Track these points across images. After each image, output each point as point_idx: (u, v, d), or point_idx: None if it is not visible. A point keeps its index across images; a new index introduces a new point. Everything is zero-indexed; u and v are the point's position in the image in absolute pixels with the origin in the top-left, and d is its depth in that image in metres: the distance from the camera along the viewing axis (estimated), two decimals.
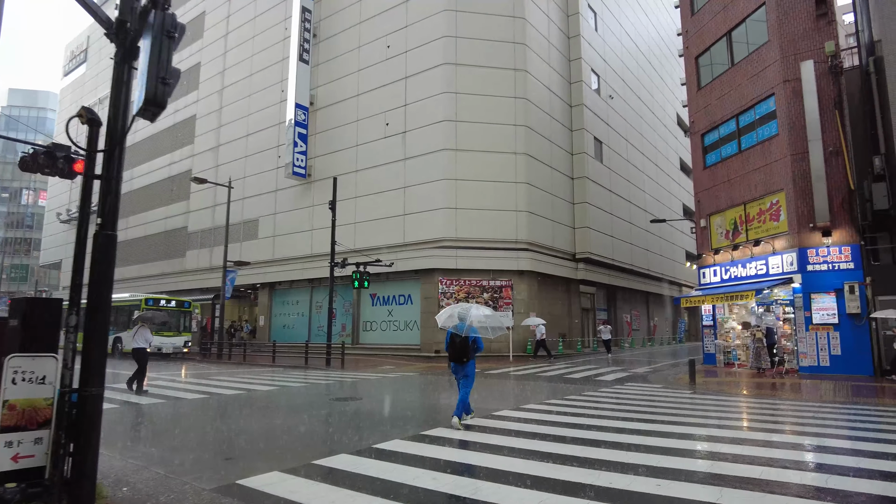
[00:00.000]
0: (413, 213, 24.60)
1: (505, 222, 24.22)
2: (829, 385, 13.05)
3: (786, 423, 8.40)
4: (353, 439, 7.09)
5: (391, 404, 10.54)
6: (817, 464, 5.77)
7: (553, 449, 6.35)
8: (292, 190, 30.16)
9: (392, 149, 25.81)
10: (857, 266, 14.95)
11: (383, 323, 25.80)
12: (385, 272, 24.03)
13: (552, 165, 27.14)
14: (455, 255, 23.52)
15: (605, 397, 11.37)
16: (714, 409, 9.68)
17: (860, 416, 8.89)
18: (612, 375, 16.24)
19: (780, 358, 15.95)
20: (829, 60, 15.98)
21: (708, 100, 20.00)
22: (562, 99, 28.80)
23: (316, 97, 29.77)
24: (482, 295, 23.71)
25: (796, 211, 15.92)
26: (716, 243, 19.70)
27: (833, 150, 15.54)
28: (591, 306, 32.14)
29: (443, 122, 24.35)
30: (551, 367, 18.82)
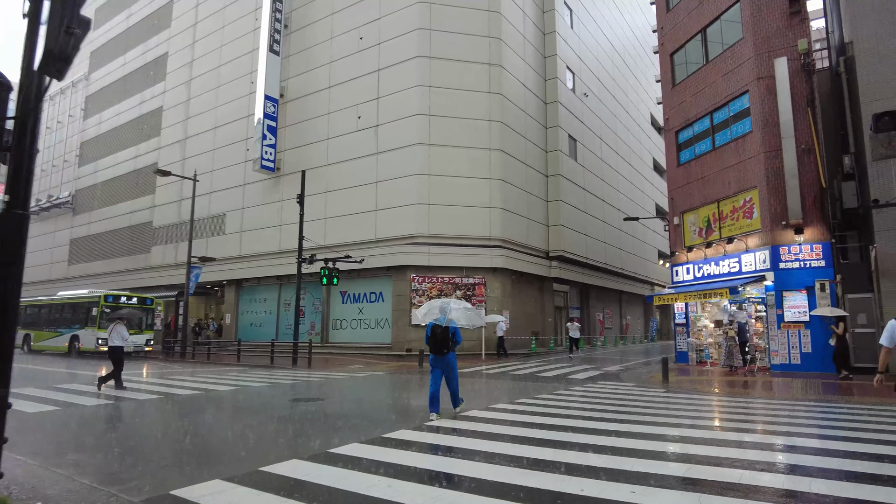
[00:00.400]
0: (385, 209, 24.06)
1: (479, 219, 23.85)
2: (800, 383, 12.97)
3: (760, 423, 8.17)
4: (308, 443, 6.60)
5: (355, 405, 10.05)
6: (795, 466, 5.49)
7: (522, 452, 5.95)
8: (261, 184, 29.34)
9: (364, 143, 25.24)
10: (828, 264, 14.95)
11: (354, 321, 25.22)
12: (356, 269, 23.46)
13: (527, 162, 26.88)
14: (428, 251, 23.07)
15: (577, 396, 11.06)
16: (688, 409, 9.42)
17: (832, 415, 8.72)
18: (585, 374, 15.99)
19: (752, 356, 15.88)
20: (801, 58, 15.97)
21: (682, 97, 19.92)
22: (537, 96, 28.56)
23: (286, 89, 29.01)
24: (455, 293, 23.31)
25: (769, 208, 15.87)
26: (689, 241, 19.63)
27: (805, 148, 15.53)
28: (565, 304, 32.02)
29: (416, 116, 23.87)
30: (524, 366, 18.51)
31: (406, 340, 22.68)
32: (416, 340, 22.48)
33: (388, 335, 23.63)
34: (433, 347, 8.49)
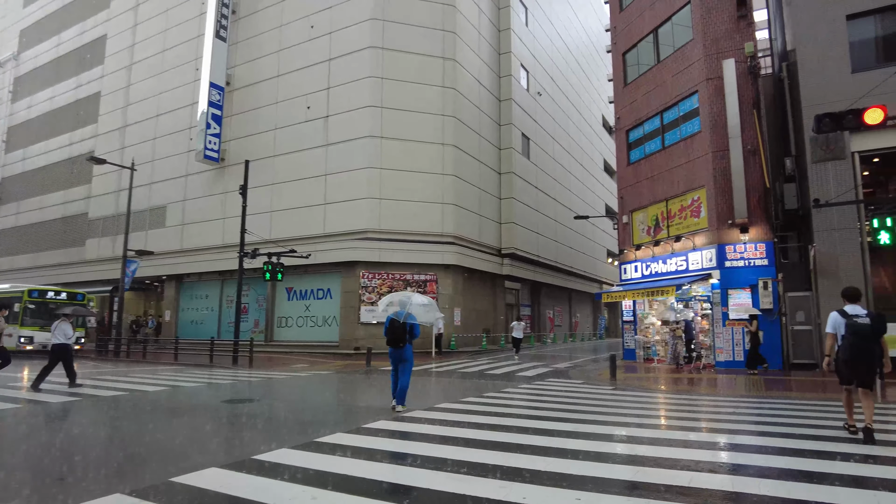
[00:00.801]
0: (334, 203, 23.37)
1: (431, 215, 23.47)
2: (744, 379, 13.14)
3: (707, 422, 8.08)
4: (233, 449, 6.04)
5: (291, 407, 9.46)
6: (743, 466, 5.32)
7: (465, 456, 5.58)
8: (204, 175, 28.10)
9: (313, 134, 24.47)
10: (770, 263, 15.26)
11: (300, 319, 24.41)
12: (302, 265, 22.72)
13: (480, 159, 26.67)
14: (378, 247, 22.53)
15: (525, 394, 10.81)
16: (636, 407, 9.29)
17: (775, 412, 8.74)
18: (534, 371, 15.83)
19: (698, 353, 16.07)
20: (748, 61, 16.26)
21: (634, 96, 20.07)
22: (491, 92, 28.40)
23: (233, 77, 27.86)
24: (405, 289, 22.83)
25: (716, 208, 16.10)
26: (637, 239, 19.80)
27: (751, 149, 15.82)
28: (516, 302, 32.02)
29: (368, 108, 23.27)
30: (474, 363, 18.24)
31: (354, 339, 22.09)
32: (365, 339, 21.94)
33: (336, 333, 22.97)
34: (390, 340, 8.55)
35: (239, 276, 19.75)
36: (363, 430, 6.98)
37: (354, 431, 6.92)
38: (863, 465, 5.31)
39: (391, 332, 8.54)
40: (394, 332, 8.52)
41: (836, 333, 6.60)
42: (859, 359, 6.39)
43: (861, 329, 6.34)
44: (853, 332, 6.37)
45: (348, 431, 6.91)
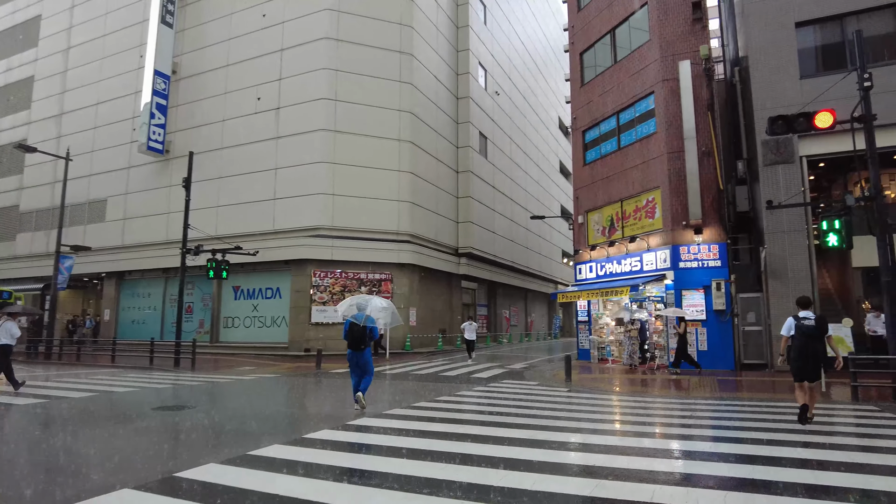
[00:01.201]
0: (285, 198, 22.53)
1: (386, 212, 22.91)
2: (697, 380, 13.15)
3: (664, 427, 7.89)
4: (152, 465, 5.41)
5: (228, 414, 8.79)
6: (707, 477, 5.07)
7: (411, 470, 5.14)
8: (147, 168, 26.71)
9: (264, 126, 23.54)
10: (723, 264, 15.40)
11: (247, 319, 23.44)
12: (250, 262, 21.79)
13: (437, 157, 26.27)
14: (331, 245, 21.82)
15: (479, 398, 10.44)
16: (592, 411, 9.05)
17: (732, 415, 8.64)
18: (489, 372, 15.52)
19: (652, 354, 16.10)
20: (703, 64, 16.39)
21: (590, 96, 20.04)
22: (448, 89, 28.03)
23: (180, 65, 26.58)
24: (360, 289, 22.22)
25: (671, 208, 16.16)
26: (592, 240, 19.78)
27: (705, 151, 15.95)
28: (473, 302, 31.78)
29: (321, 101, 22.53)
30: (428, 364, 17.81)
31: (304, 340, 21.33)
32: (316, 340, 21.22)
33: (285, 334, 22.13)
34: (351, 343, 8.70)
35: (181, 274, 18.73)
36: (303, 442, 6.43)
37: (294, 443, 6.37)
38: (819, 471, 5.13)
39: (351, 335, 8.65)
40: (354, 335, 8.65)
41: (789, 336, 7.67)
42: (806, 356, 7.45)
43: (807, 330, 7.43)
44: (801, 332, 7.48)
45: (287, 443, 6.36)
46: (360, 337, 8.64)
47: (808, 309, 7.72)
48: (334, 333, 21.56)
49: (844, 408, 9.32)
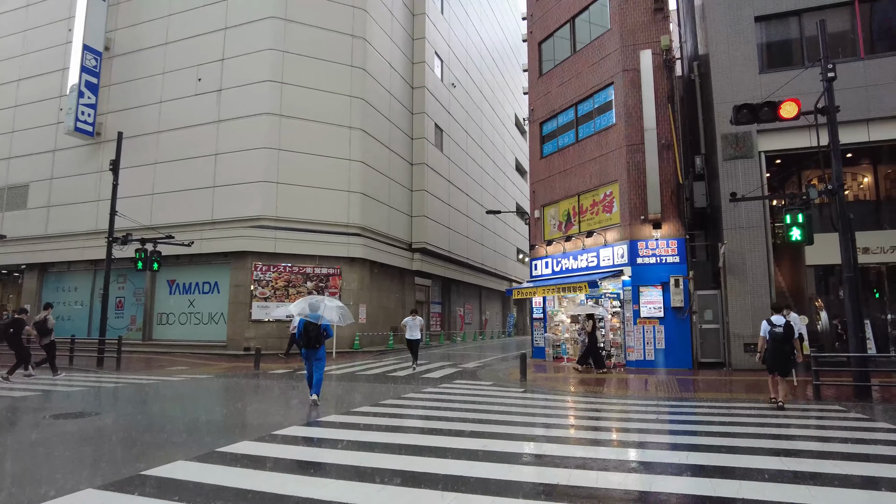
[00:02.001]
0: (225, 186, 21.06)
1: (335, 203, 21.74)
2: (655, 380, 12.66)
3: (622, 432, 7.21)
4: (25, 488, 4.30)
5: (136, 422, 7.62)
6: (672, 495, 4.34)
7: (342, 493, 4.21)
8: (76, 151, 24.66)
9: (204, 109, 21.98)
10: (682, 260, 15.03)
11: (183, 315, 21.84)
12: (187, 254, 20.35)
13: (390, 147, 25.23)
14: (274, 236, 20.51)
15: (429, 401, 9.56)
16: (547, 415, 8.32)
17: (693, 416, 8.07)
18: (441, 372, 14.67)
19: (608, 352, 15.60)
20: (663, 54, 16.00)
21: (548, 87, 19.45)
22: (403, 78, 27.02)
23: (113, 42, 24.62)
24: (305, 284, 21.00)
25: (629, 202, 15.69)
26: (548, 235, 19.21)
27: (665, 143, 15.55)
28: (427, 299, 30.89)
29: (267, 83, 21.17)
30: (377, 364, 16.82)
31: (244, 338, 19.96)
32: (256, 338, 19.92)
33: (224, 332, 20.67)
34: (306, 343, 9.10)
35: (107, 265, 17.15)
36: (213, 457, 5.40)
37: (202, 458, 5.34)
38: (770, 483, 4.49)
39: (307, 334, 9.06)
40: (310, 334, 9.06)
41: (765, 337, 9.10)
42: (776, 355, 8.97)
43: (776, 335, 8.96)
44: (772, 337, 9.00)
45: (195, 458, 5.32)
46: (316, 336, 9.09)
47: (779, 313, 9.30)
48: (276, 331, 20.30)
49: (808, 409, 8.90)
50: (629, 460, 5.47)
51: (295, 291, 20.69)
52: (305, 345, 9.13)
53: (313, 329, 9.07)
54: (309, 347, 9.13)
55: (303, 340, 9.11)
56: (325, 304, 9.29)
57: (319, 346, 9.18)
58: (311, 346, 9.12)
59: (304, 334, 9.08)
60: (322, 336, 9.16)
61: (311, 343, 9.09)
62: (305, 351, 9.22)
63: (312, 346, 9.12)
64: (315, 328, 9.07)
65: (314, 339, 9.08)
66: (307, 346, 9.12)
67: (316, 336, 9.09)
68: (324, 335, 9.18)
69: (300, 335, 9.12)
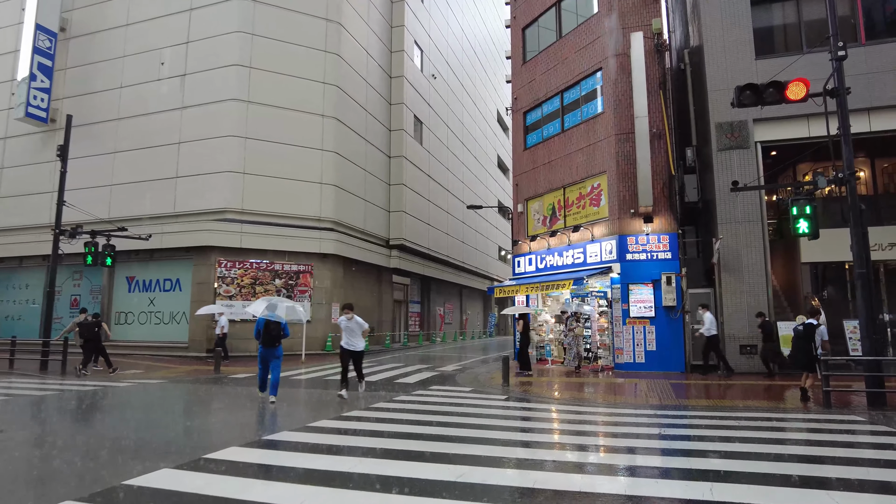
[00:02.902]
0: (189, 176, 19.71)
1: (307, 195, 20.50)
2: (647, 385, 11.70)
3: (612, 452, 6.19)
4: None
5: (38, 442, 6.39)
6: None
7: None
8: (28, 139, 23.07)
9: (167, 94, 20.60)
10: (674, 256, 14.11)
11: (143, 314, 20.42)
12: (147, 249, 19.04)
13: (367, 138, 24.03)
14: (240, 230, 19.22)
15: (400, 412, 8.45)
16: (534, 429, 7.30)
17: (697, 427, 7.10)
18: (417, 376, 13.58)
19: (595, 354, 14.66)
20: (655, 38, 15.09)
21: (533, 74, 18.45)
22: (381, 66, 25.83)
23: (69, 22, 23.06)
24: (273, 281, 19.73)
25: (618, 195, 14.75)
26: (532, 230, 18.22)
27: (656, 133, 14.65)
28: (405, 298, 29.75)
29: (234, 67, 19.86)
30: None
31: (207, 339, 18.61)
32: None
33: (186, 332, 19.31)
34: (267, 341, 9.29)
35: (52, 259, 15.89)
36: (117, 493, 4.23)
37: (101, 495, 4.16)
38: None
39: (267, 334, 9.28)
40: (270, 334, 9.29)
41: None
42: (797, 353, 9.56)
43: (797, 334, 9.59)
44: (795, 336, 9.69)
45: (81, 499, 4.14)
46: (277, 336, 9.35)
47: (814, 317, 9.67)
48: (241, 332, 19.01)
49: (826, 419, 7.98)
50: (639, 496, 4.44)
51: (262, 289, 19.40)
52: (265, 343, 9.28)
53: (274, 328, 9.33)
54: (269, 346, 9.29)
55: (263, 340, 9.28)
56: (281, 305, 9.86)
57: (278, 345, 9.39)
58: (272, 345, 9.31)
59: (266, 333, 9.27)
60: (281, 335, 9.40)
61: (273, 342, 9.31)
62: (263, 350, 9.32)
63: (273, 345, 9.32)
64: (276, 327, 9.35)
65: (275, 339, 9.33)
66: (267, 344, 9.28)
67: (277, 335, 9.35)
68: (282, 334, 9.42)
69: (260, 334, 9.30)
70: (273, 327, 9.29)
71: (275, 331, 9.30)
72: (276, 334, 9.31)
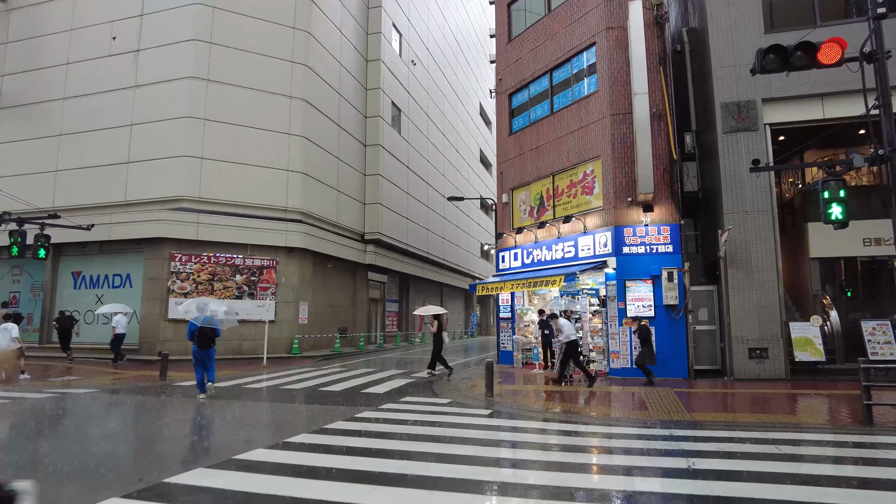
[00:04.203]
0: (141, 161, 17.89)
1: (272, 183, 18.78)
2: (647, 393, 10.25)
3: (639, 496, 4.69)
4: None
5: None
6: None
7: None
8: None
9: (119, 72, 18.75)
10: (676, 249, 12.69)
11: (89, 314, 18.50)
12: (95, 240, 17.30)
13: (340, 123, 22.33)
14: (197, 220, 17.45)
15: (361, 436, 6.86)
16: (525, 462, 5.77)
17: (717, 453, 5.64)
18: (389, 384, 11.99)
19: (587, 358, 13.21)
20: (654, 10, 13.68)
21: (519, 52, 16.95)
22: (355, 48, 24.13)
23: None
24: (234, 277, 17.99)
25: (613, 182, 13.30)
26: (518, 222, 16.73)
27: (656, 114, 13.21)
28: (381, 296, 28.08)
29: (192, 42, 18.07)
30: (314, 373, 14.02)
31: (159, 341, 16.82)
32: (174, 341, 16.87)
33: (136, 333, 17.42)
34: (201, 343, 9.58)
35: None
36: None
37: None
38: None
39: (202, 337, 9.56)
40: (204, 337, 9.58)
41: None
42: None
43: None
44: None
45: None
46: (211, 338, 9.68)
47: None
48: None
49: (884, 443, 6.57)
50: None
51: (221, 286, 17.65)
52: (200, 346, 9.58)
53: (209, 330, 9.61)
54: (204, 348, 9.62)
55: (198, 342, 9.55)
56: (210, 307, 9.90)
57: (212, 346, 9.80)
58: (207, 346, 9.65)
59: (201, 335, 9.55)
60: (215, 336, 9.76)
61: (207, 343, 9.64)
62: (198, 351, 9.61)
63: (207, 346, 9.65)
64: (211, 329, 9.62)
65: (209, 341, 9.67)
66: (202, 346, 9.61)
67: (211, 337, 9.69)
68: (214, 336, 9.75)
69: (195, 335, 9.53)
70: (208, 330, 9.56)
71: (210, 332, 9.61)
72: (210, 336, 9.64)
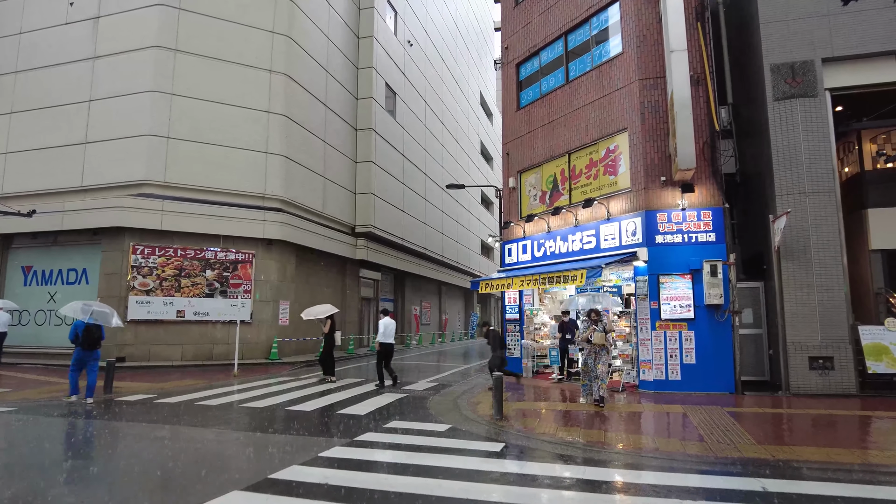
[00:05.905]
0: (100, 142, 15.84)
1: (248, 167, 16.72)
2: (698, 417, 8.20)
3: None
4: None
5: None
6: None
7: None
8: None
9: (76, 41, 16.71)
10: (719, 238, 10.62)
11: (41, 313, 16.46)
12: (47, 231, 15.25)
13: (327, 104, 20.24)
14: (162, 208, 15.39)
15: (318, 497, 4.80)
16: None
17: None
18: (375, 401, 9.93)
19: (612, 367, 11.14)
20: None
21: (528, 16, 14.89)
22: (345, 21, 22.03)
23: None
24: (204, 272, 15.92)
25: (643, 159, 11.25)
26: (527, 209, 14.68)
27: (694, 77, 11.15)
28: (374, 295, 26.02)
29: (157, 7, 16.01)
30: (288, 384, 11.96)
31: (115, 344, 14.73)
32: (135, 345, 14.85)
33: None
34: (89, 344, 9.44)
35: None
36: None
37: None
38: None
39: (90, 337, 9.39)
40: (92, 338, 9.42)
41: None
42: None
43: None
44: None
45: None
46: (98, 338, 9.53)
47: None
48: (162, 335, 15.23)
49: None
50: None
51: (189, 283, 15.59)
52: (85, 346, 9.32)
53: (95, 331, 9.41)
54: (89, 349, 9.42)
55: (83, 343, 9.28)
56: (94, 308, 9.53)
57: (98, 349, 9.62)
58: (92, 348, 9.46)
59: (87, 337, 9.30)
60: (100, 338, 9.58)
61: (93, 345, 9.45)
62: (82, 353, 9.34)
63: (93, 348, 9.48)
64: (98, 330, 9.46)
65: (96, 341, 9.48)
66: (90, 347, 9.40)
67: (98, 338, 9.50)
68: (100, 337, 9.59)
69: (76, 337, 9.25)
70: (94, 330, 9.32)
71: (96, 333, 9.37)
72: (96, 337, 9.41)
